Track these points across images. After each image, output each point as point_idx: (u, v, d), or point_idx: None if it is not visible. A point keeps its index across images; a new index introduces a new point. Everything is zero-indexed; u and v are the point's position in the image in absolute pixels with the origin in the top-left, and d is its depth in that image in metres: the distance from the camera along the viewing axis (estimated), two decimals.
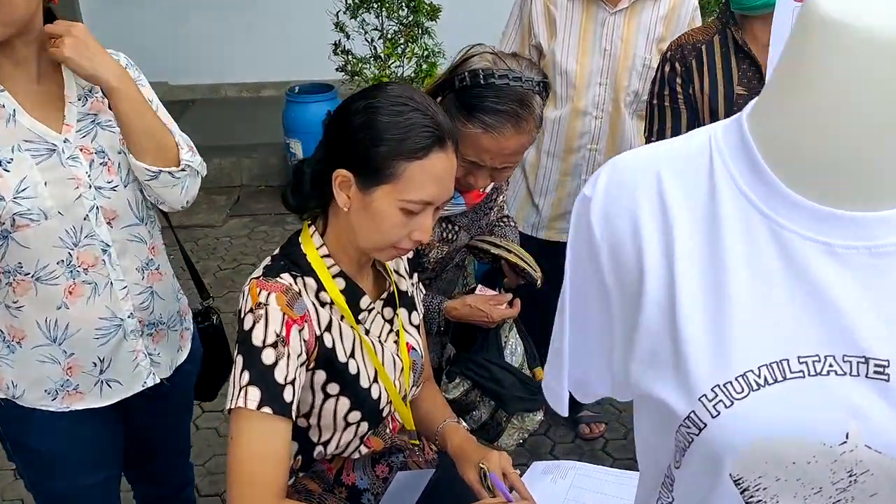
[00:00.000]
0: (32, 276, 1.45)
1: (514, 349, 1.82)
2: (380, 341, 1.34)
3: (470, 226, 1.80)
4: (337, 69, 4.31)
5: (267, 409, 1.11)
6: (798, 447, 0.62)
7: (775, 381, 0.61)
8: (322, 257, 1.25)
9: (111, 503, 1.74)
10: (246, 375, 1.13)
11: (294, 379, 1.15)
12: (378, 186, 1.15)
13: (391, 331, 1.37)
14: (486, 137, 1.42)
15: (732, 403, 0.61)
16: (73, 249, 1.46)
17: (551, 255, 1.95)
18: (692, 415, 0.62)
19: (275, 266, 1.23)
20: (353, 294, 1.27)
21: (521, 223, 2.37)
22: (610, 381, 0.70)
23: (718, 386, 0.62)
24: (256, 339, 1.14)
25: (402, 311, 1.40)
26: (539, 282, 1.74)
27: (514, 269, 1.75)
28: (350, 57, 4.24)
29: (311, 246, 1.25)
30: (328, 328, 1.24)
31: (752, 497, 0.64)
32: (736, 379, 0.62)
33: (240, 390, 1.12)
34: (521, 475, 1.29)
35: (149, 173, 1.46)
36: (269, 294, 1.16)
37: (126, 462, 1.79)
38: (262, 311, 1.15)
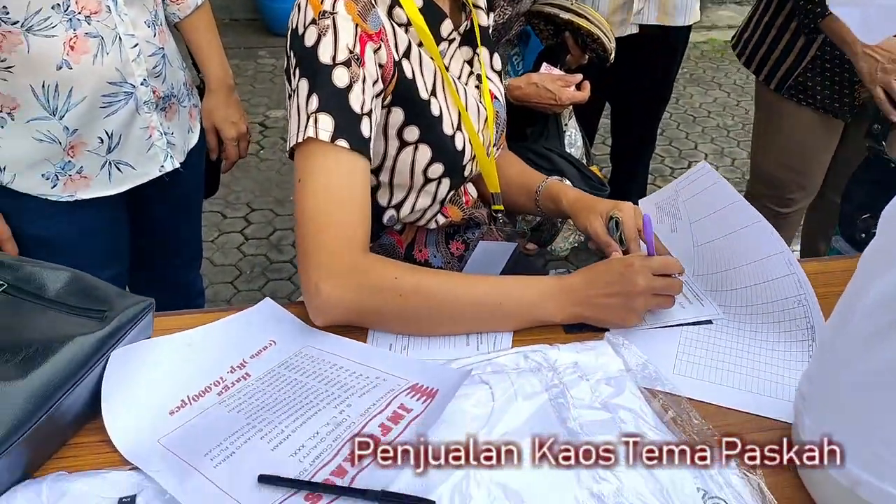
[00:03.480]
0: (22, 26, 1.20)
1: (573, 139, 1.62)
2: (461, 83, 1.12)
3: None
4: None
5: (343, 143, 0.90)
6: None
7: None
8: None
9: None
10: (314, 100, 0.91)
11: (371, 110, 0.94)
12: None
13: (471, 73, 1.16)
14: None
15: None
16: None
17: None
18: None
19: None
20: (433, 16, 1.04)
21: None
22: None
23: None
24: (324, 55, 0.91)
25: (484, 52, 1.17)
26: (612, 57, 1.52)
27: (583, 41, 1.53)
28: None
29: None
30: (406, 54, 1.01)
31: None
32: None
33: (307, 118, 0.90)
34: None
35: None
36: (335, 1, 0.93)
37: (133, 266, 1.57)
38: (328, 22, 0.92)
